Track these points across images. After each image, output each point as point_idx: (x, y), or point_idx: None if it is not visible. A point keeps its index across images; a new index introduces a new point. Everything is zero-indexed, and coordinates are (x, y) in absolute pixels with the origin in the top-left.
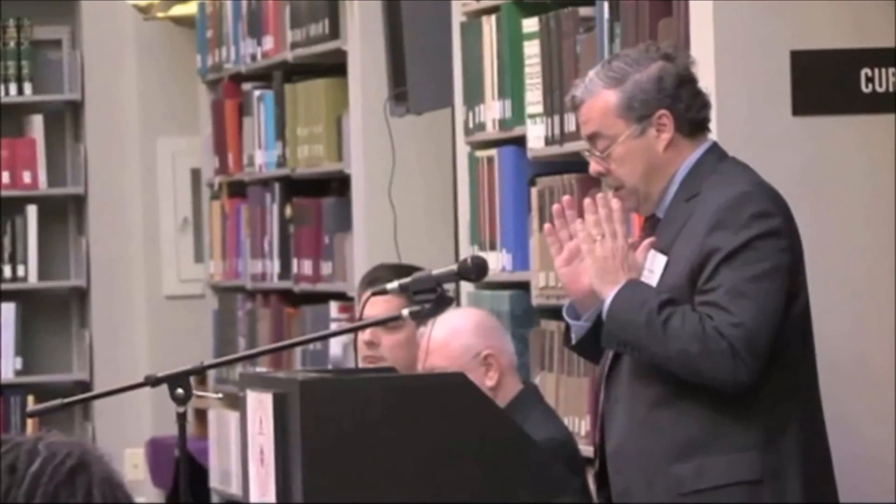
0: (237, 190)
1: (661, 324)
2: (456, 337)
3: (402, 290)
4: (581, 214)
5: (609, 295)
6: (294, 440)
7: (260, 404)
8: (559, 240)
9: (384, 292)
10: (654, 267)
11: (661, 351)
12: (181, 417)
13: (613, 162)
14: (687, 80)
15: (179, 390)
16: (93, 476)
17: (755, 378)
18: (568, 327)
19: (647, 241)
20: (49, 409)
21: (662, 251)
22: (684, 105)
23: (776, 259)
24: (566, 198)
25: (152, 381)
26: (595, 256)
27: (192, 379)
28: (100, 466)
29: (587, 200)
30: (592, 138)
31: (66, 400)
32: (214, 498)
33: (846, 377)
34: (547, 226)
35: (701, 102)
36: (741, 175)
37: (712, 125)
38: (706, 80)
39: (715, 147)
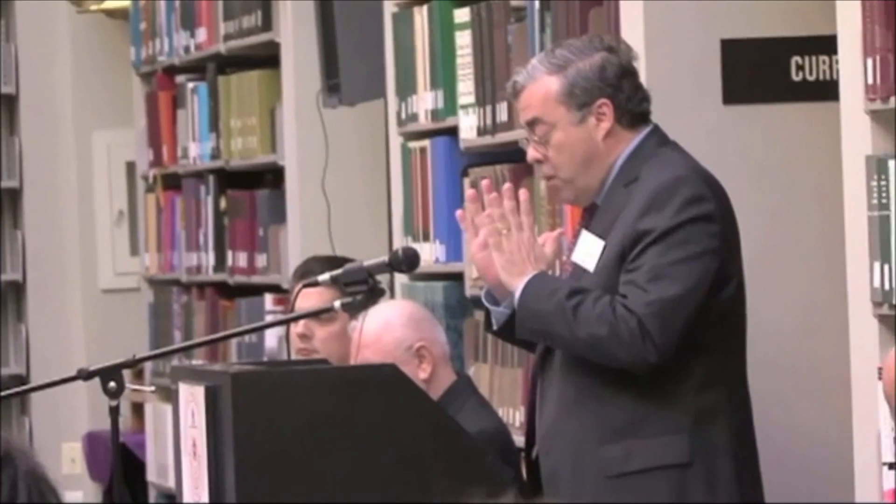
0: (172, 182)
1: (571, 310)
2: (388, 330)
3: (334, 281)
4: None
5: (517, 287)
6: (226, 433)
7: (192, 397)
8: (472, 225)
9: (316, 284)
10: (591, 251)
11: (571, 337)
12: (114, 411)
13: (552, 149)
14: (629, 73)
15: (112, 384)
16: (17, 469)
17: (666, 357)
18: (488, 312)
19: (555, 233)
20: None
21: (600, 236)
22: (625, 96)
23: (705, 243)
24: (484, 181)
25: (84, 375)
26: (501, 250)
27: (127, 372)
28: (24, 460)
29: (493, 195)
30: (532, 124)
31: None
32: (152, 492)
33: (786, 366)
34: (459, 212)
35: (641, 96)
36: (678, 160)
37: None
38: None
39: (655, 131)
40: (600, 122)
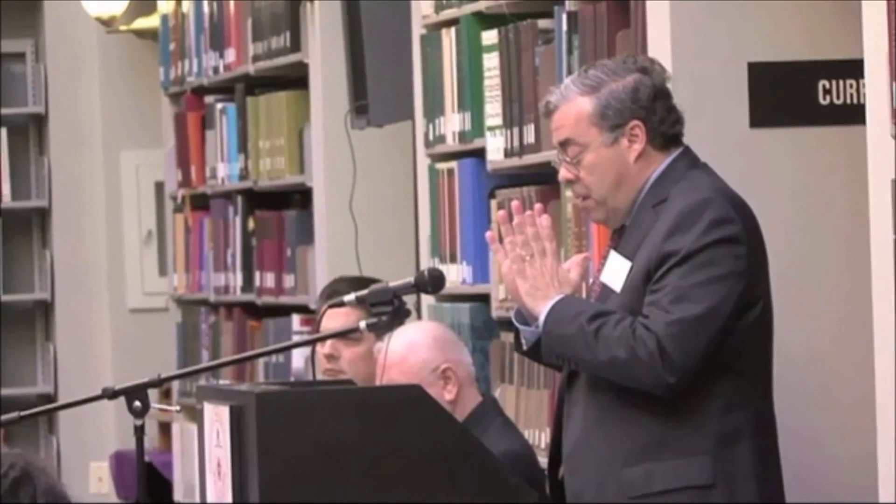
0: (200, 203)
1: (593, 333)
2: (413, 351)
3: (360, 302)
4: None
5: (542, 312)
6: (251, 453)
7: (217, 417)
8: (501, 247)
9: (341, 304)
10: (619, 272)
11: (593, 360)
12: (139, 430)
13: (583, 169)
14: (662, 94)
15: (137, 403)
16: (37, 487)
17: (685, 378)
18: (518, 332)
19: (580, 257)
20: (6, 423)
21: (628, 257)
22: (658, 118)
23: (730, 265)
24: (514, 202)
25: (110, 394)
26: (525, 276)
27: (154, 392)
28: (43, 478)
29: (516, 220)
30: (564, 145)
31: (24, 413)
32: None
33: (812, 387)
34: (488, 233)
35: (675, 118)
36: (707, 182)
37: None
38: None
39: (686, 153)
40: (632, 143)
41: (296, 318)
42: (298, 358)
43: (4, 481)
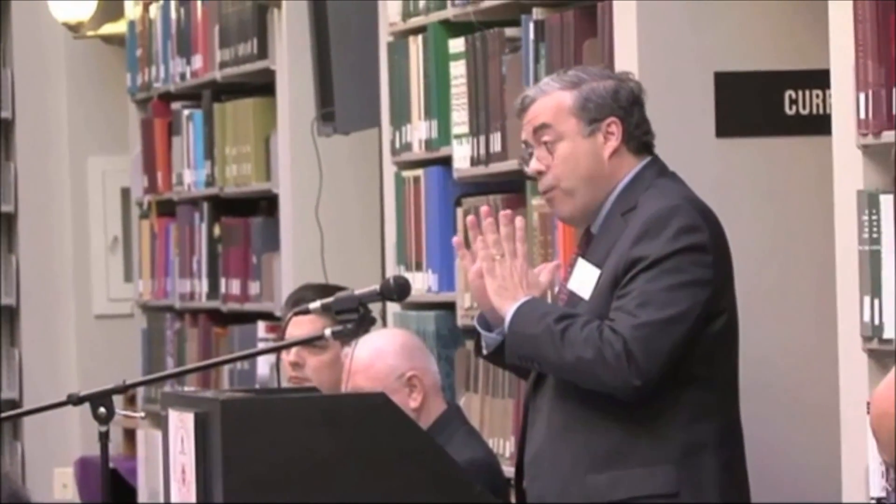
0: (166, 209)
1: (560, 333)
2: (380, 357)
3: (325, 310)
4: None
5: (508, 312)
6: (215, 460)
7: (182, 423)
8: (468, 253)
9: (307, 312)
10: (587, 279)
11: (558, 360)
12: (103, 436)
13: (557, 157)
14: (639, 102)
15: (102, 409)
16: None
17: (650, 382)
18: (479, 337)
19: (552, 264)
20: None
21: (596, 264)
22: (634, 121)
23: (696, 273)
24: (484, 208)
25: (74, 400)
26: (494, 275)
27: (120, 398)
28: (6, 483)
29: (489, 220)
30: (539, 130)
31: None
32: None
33: (778, 400)
34: (455, 238)
35: (647, 127)
36: (675, 190)
37: None
38: None
39: (654, 162)
40: (608, 140)
41: (261, 325)
42: (263, 365)
43: None
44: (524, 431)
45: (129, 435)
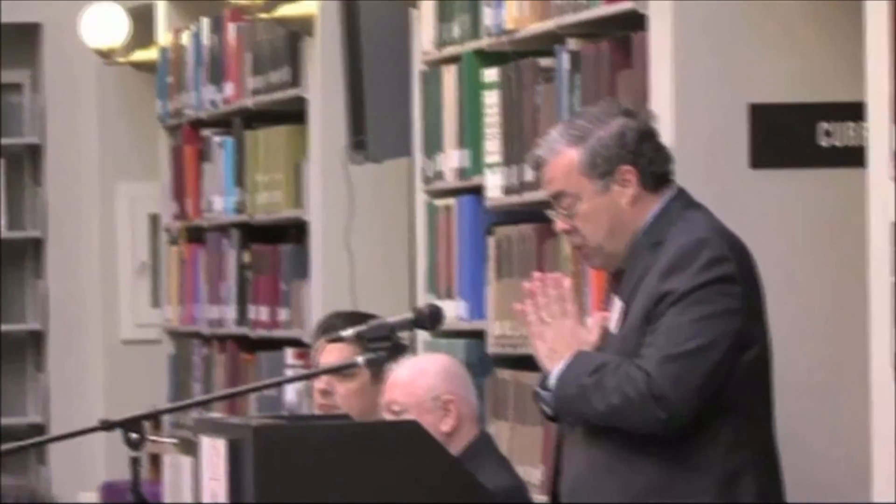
0: (195, 236)
1: (592, 386)
2: (421, 376)
3: (358, 337)
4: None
5: (553, 377)
6: (247, 486)
7: (214, 450)
8: (539, 319)
9: (340, 339)
10: (616, 315)
11: (595, 413)
12: (135, 462)
13: (578, 219)
14: (649, 136)
15: (133, 435)
16: None
17: (681, 414)
18: (541, 400)
19: (599, 316)
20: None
21: (624, 299)
22: (647, 160)
23: (725, 303)
24: (536, 274)
25: (106, 426)
26: (545, 339)
27: (146, 423)
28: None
29: (537, 283)
30: (557, 197)
31: (19, 444)
32: None
33: (811, 428)
34: (519, 306)
35: (663, 156)
36: (702, 222)
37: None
38: (665, 132)
39: (681, 195)
40: (625, 188)
41: (289, 352)
42: (291, 392)
43: None
44: (557, 462)
45: (154, 460)
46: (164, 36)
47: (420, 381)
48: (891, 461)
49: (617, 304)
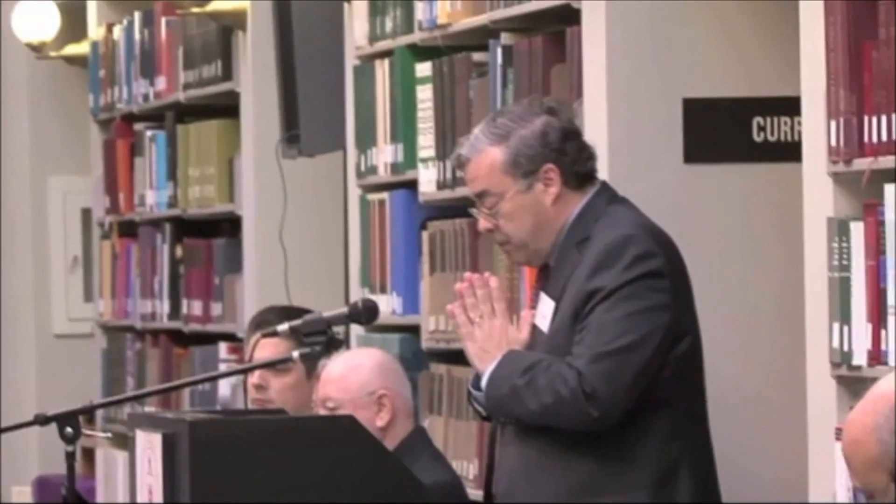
0: (128, 230)
1: (524, 387)
2: (355, 372)
3: (293, 331)
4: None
5: (485, 377)
6: (183, 481)
7: (149, 444)
8: (468, 320)
9: (275, 334)
10: (546, 313)
11: (527, 413)
12: (70, 456)
13: (502, 218)
14: (572, 134)
15: (69, 429)
16: None
17: (614, 410)
18: (475, 399)
19: (528, 314)
20: None
21: (554, 297)
22: (570, 158)
23: (654, 298)
24: (467, 275)
25: (42, 420)
26: (474, 339)
27: (80, 418)
28: None
29: (464, 284)
30: (480, 196)
31: None
32: None
33: (745, 423)
34: (449, 307)
35: (587, 154)
36: (628, 217)
37: (604, 170)
38: (598, 127)
39: (604, 189)
40: (548, 187)
41: (223, 346)
42: (225, 386)
43: None
44: (490, 460)
45: (87, 454)
46: (95, 30)
47: (353, 377)
48: (828, 460)
49: (546, 301)
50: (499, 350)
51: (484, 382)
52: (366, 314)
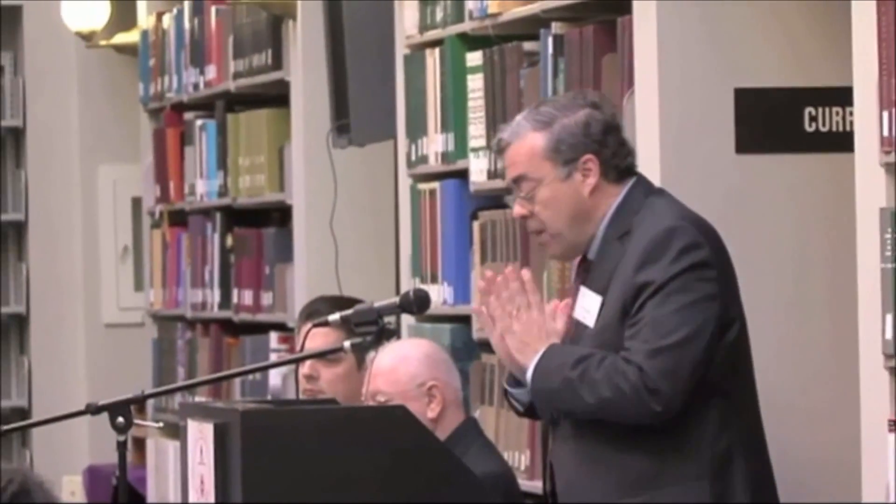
0: (178, 219)
1: (578, 380)
2: (404, 363)
3: (344, 321)
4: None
5: (529, 370)
6: (234, 470)
7: (201, 434)
8: (489, 320)
9: (326, 324)
10: (590, 308)
11: (584, 407)
12: (121, 446)
13: (538, 205)
14: (613, 128)
15: (120, 419)
16: (34, 502)
17: (674, 405)
18: (512, 396)
19: (562, 305)
20: None
21: (599, 292)
22: (610, 151)
23: (704, 289)
24: (488, 273)
25: (93, 410)
26: (512, 332)
27: (131, 407)
28: (41, 492)
29: (499, 278)
30: (518, 181)
31: (4, 427)
32: None
33: (779, 407)
34: (474, 306)
35: (626, 150)
36: (668, 209)
37: (655, 160)
38: (650, 117)
39: (640, 182)
40: (586, 177)
41: (273, 336)
42: (275, 376)
43: (3, 495)
44: (545, 457)
45: (138, 444)
46: (145, 19)
47: (402, 369)
48: (881, 452)
49: (588, 295)
50: (539, 342)
51: (529, 375)
52: (417, 304)
